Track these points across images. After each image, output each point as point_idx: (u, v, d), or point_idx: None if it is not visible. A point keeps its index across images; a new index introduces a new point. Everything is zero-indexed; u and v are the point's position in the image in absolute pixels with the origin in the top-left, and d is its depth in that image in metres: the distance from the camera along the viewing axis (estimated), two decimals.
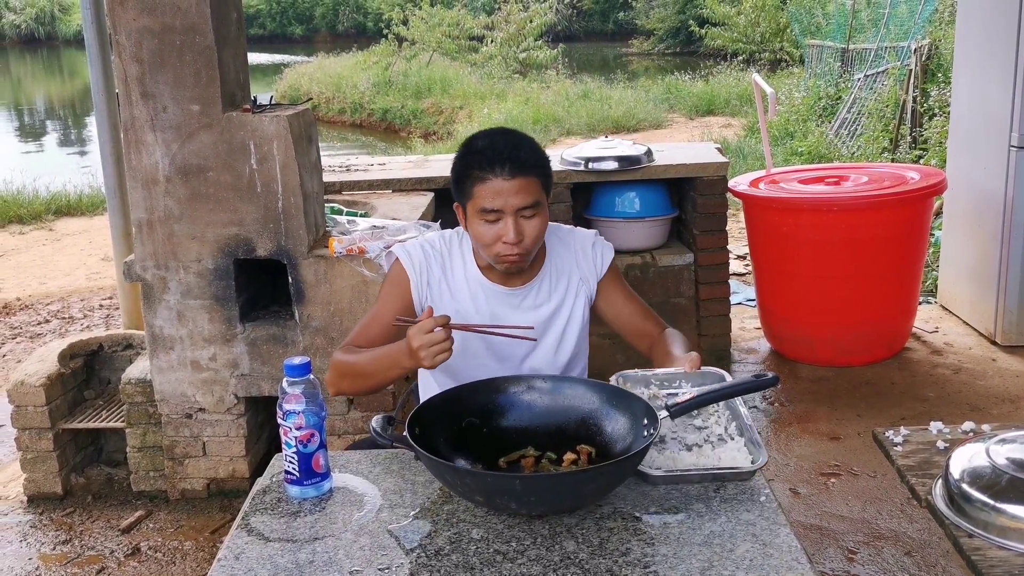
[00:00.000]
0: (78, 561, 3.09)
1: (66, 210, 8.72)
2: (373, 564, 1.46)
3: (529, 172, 1.97)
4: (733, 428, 1.79)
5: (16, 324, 5.70)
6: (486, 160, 1.96)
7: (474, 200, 1.98)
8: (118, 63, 3.03)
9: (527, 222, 1.98)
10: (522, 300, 2.12)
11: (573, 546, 1.48)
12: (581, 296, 2.17)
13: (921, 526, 3.03)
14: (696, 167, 4.28)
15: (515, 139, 2.01)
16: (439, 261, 2.12)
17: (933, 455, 1.86)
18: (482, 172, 1.95)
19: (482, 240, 2.00)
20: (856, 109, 9.32)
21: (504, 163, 1.94)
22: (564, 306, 2.15)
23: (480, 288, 2.11)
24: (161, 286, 3.19)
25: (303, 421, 1.64)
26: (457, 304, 2.10)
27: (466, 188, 1.99)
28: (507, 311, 2.11)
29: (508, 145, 1.97)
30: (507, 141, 1.99)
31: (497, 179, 1.95)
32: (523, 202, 1.96)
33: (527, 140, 2.03)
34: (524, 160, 1.97)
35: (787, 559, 1.43)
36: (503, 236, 1.97)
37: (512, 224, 1.96)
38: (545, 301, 2.13)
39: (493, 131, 2.06)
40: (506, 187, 1.95)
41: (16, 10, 39.27)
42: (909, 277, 4.33)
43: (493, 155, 1.95)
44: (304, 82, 19.03)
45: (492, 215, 1.96)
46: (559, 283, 2.15)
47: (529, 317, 2.11)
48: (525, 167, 1.96)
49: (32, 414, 3.39)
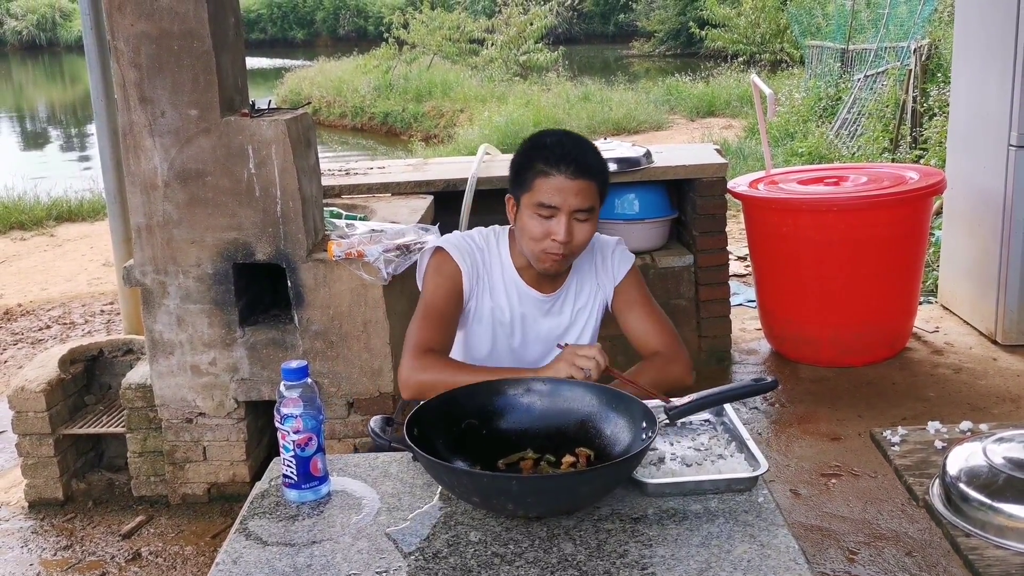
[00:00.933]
0: (79, 566, 3.10)
1: (67, 216, 8.73)
2: (371, 567, 1.46)
3: (592, 176, 2.00)
4: (733, 447, 1.78)
5: (17, 330, 5.71)
6: (553, 156, 1.98)
7: (532, 193, 2.00)
8: (116, 68, 3.04)
9: (579, 225, 2.01)
10: (551, 306, 2.17)
11: (571, 548, 1.48)
12: (598, 301, 2.20)
13: (922, 526, 3.02)
14: (695, 168, 4.28)
15: (583, 142, 2.05)
16: (480, 255, 2.14)
17: (931, 455, 1.86)
18: (547, 167, 1.98)
19: (531, 234, 2.02)
20: (856, 109, 9.32)
21: (570, 162, 1.97)
22: (583, 311, 2.19)
23: (515, 289, 2.14)
24: (161, 291, 3.20)
25: (301, 425, 1.64)
26: (494, 302, 2.13)
27: (526, 180, 2.01)
28: (537, 315, 2.15)
29: (575, 146, 2.01)
30: (574, 142, 2.03)
31: (560, 176, 1.97)
32: (581, 204, 1.99)
33: (592, 145, 2.06)
34: (589, 163, 2.00)
35: (785, 560, 1.43)
36: (554, 234, 1.99)
37: (565, 223, 1.98)
38: (569, 308, 2.18)
39: (560, 131, 2.09)
40: (568, 186, 1.97)
41: (17, 16, 39.35)
42: (909, 277, 4.33)
43: (561, 152, 1.98)
44: (305, 86, 19.04)
45: (548, 211, 1.99)
46: (582, 290, 2.19)
47: (554, 322, 2.17)
48: (589, 170, 1.99)
49: (33, 420, 3.39)
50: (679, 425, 1.89)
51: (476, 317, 2.15)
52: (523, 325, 2.14)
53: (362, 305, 3.16)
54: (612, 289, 2.20)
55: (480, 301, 2.13)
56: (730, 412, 1.88)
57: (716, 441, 1.82)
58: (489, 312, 2.13)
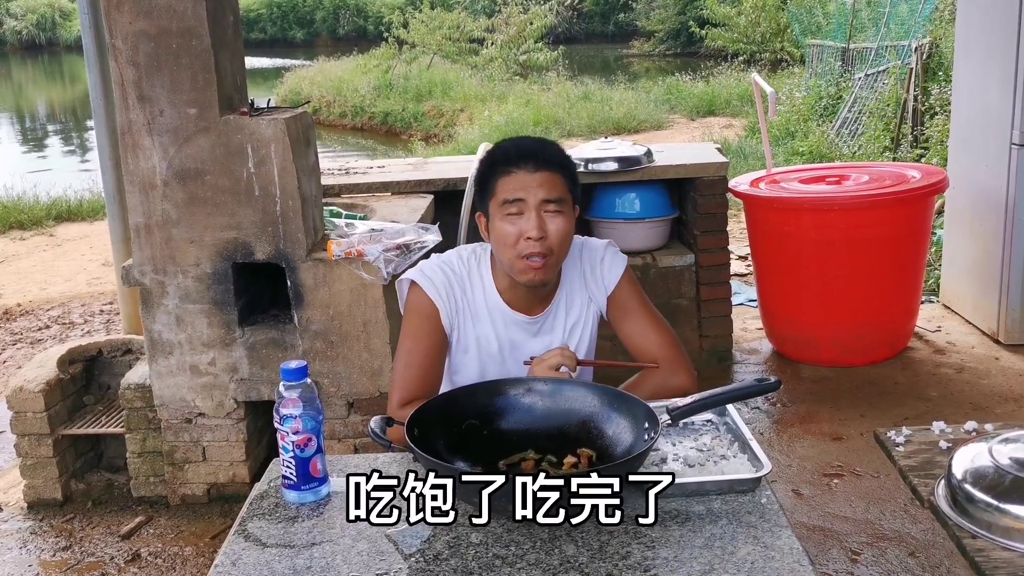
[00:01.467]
0: (78, 567, 3.08)
1: (66, 215, 8.72)
2: (371, 569, 1.44)
3: (554, 167, 1.95)
4: (735, 447, 1.77)
5: (17, 330, 5.69)
6: (511, 155, 1.96)
7: (496, 195, 1.94)
8: (115, 67, 3.03)
9: (551, 217, 1.92)
10: (540, 326, 2.07)
11: (573, 550, 1.46)
12: (591, 313, 2.11)
13: (925, 527, 3.01)
14: (696, 167, 4.27)
15: (542, 139, 2.03)
16: (459, 283, 2.04)
17: (935, 455, 1.85)
18: (506, 166, 1.94)
19: (504, 240, 1.93)
20: (857, 108, 9.31)
21: (529, 157, 1.94)
22: (576, 326, 2.10)
23: (499, 315, 2.04)
24: (160, 291, 3.18)
25: (300, 425, 1.62)
26: (478, 331, 2.04)
27: (489, 185, 1.97)
28: (526, 338, 2.05)
29: (533, 143, 1.99)
30: (532, 141, 2.01)
31: (521, 171, 1.93)
32: (548, 194, 1.92)
33: (553, 142, 2.04)
34: (549, 156, 1.96)
35: (789, 561, 1.41)
36: (526, 231, 1.90)
37: (535, 218, 1.90)
38: (561, 326, 2.08)
39: (521, 137, 2.08)
40: (530, 179, 1.92)
41: (17, 16, 39.35)
42: (911, 276, 4.31)
43: (518, 151, 1.96)
44: (305, 86, 19.03)
45: (515, 207, 1.91)
46: (573, 304, 2.09)
47: (546, 341, 2.06)
48: (550, 162, 1.95)
49: (31, 420, 3.38)
50: (681, 425, 1.88)
51: (462, 347, 2.06)
52: (512, 351, 2.04)
53: (362, 305, 3.15)
54: (605, 299, 2.10)
55: (463, 331, 2.04)
56: (732, 412, 1.86)
57: (719, 441, 1.80)
58: (475, 342, 2.04)
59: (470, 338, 2.05)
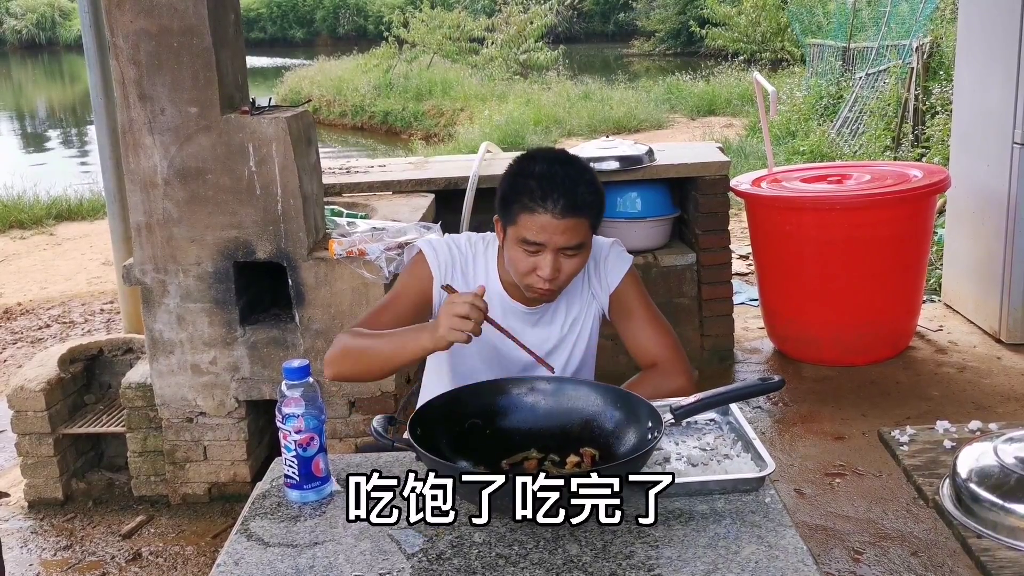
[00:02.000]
0: (79, 567, 3.08)
1: (67, 215, 8.71)
2: (374, 569, 1.44)
3: (582, 213, 1.85)
4: (739, 447, 1.76)
5: (17, 329, 5.69)
6: (539, 192, 1.83)
7: (517, 227, 1.87)
8: (115, 66, 3.02)
9: (567, 260, 1.89)
10: (539, 319, 2.07)
11: (576, 549, 1.46)
12: (591, 311, 2.11)
13: (927, 526, 3.00)
14: (697, 166, 4.26)
15: (574, 172, 1.87)
16: (462, 264, 2.05)
17: (940, 454, 1.84)
18: (532, 203, 1.84)
19: (516, 267, 1.92)
20: (858, 108, 9.31)
21: (558, 200, 1.82)
22: (576, 322, 2.09)
23: (499, 301, 2.03)
24: (160, 290, 3.18)
25: (302, 424, 1.62)
26: None
27: (512, 212, 1.88)
28: (523, 327, 2.04)
29: (566, 179, 1.84)
30: (565, 174, 1.85)
31: (546, 215, 1.83)
32: (568, 242, 1.86)
33: (586, 175, 1.89)
34: (579, 200, 1.84)
35: (793, 561, 1.41)
36: (539, 270, 1.88)
37: (551, 261, 1.86)
38: (561, 320, 2.08)
39: (551, 156, 1.92)
40: (554, 225, 1.83)
41: (17, 16, 39.34)
42: (912, 275, 4.31)
43: (548, 188, 1.83)
44: (305, 85, 19.02)
45: (533, 247, 1.87)
46: (574, 300, 2.08)
47: (544, 333, 2.06)
48: (578, 208, 1.84)
49: (32, 419, 3.37)
50: (684, 425, 1.87)
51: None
52: (508, 338, 2.01)
53: (363, 304, 3.14)
54: (607, 298, 2.09)
55: None
56: (736, 412, 1.86)
57: (722, 441, 1.80)
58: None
59: None
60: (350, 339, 1.92)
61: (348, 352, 1.92)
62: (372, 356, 1.88)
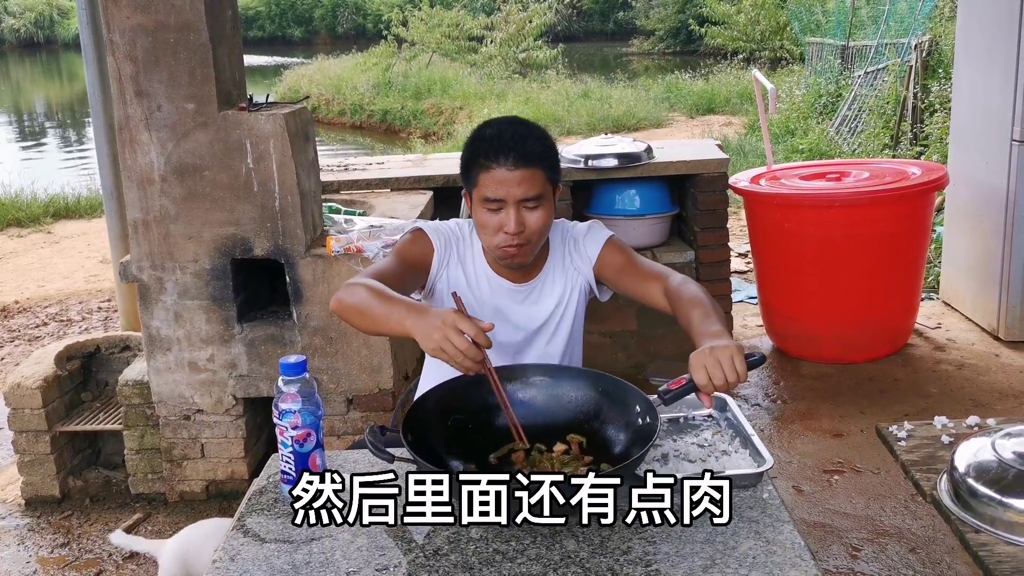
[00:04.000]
0: (76, 564, 3.07)
1: (64, 213, 8.70)
2: (371, 564, 1.43)
3: (533, 163, 1.95)
4: (737, 443, 1.76)
5: (14, 327, 5.68)
6: (491, 149, 1.94)
7: (478, 188, 1.97)
8: (112, 62, 3.01)
9: (529, 213, 1.96)
10: (526, 296, 2.11)
11: (574, 545, 1.45)
12: (577, 289, 2.14)
13: (925, 522, 3.00)
14: (696, 164, 4.25)
15: (523, 129, 1.98)
16: (457, 244, 2.12)
17: (937, 450, 1.84)
18: (487, 160, 1.94)
19: (485, 229, 2.00)
20: (857, 106, 9.30)
21: (508, 153, 1.93)
22: (562, 302, 2.13)
23: (487, 280, 2.10)
24: (158, 287, 3.17)
25: (299, 420, 1.61)
26: (466, 290, 2.09)
27: (472, 176, 1.99)
28: (511, 305, 2.10)
29: (515, 135, 1.96)
30: (514, 131, 1.97)
31: (501, 168, 1.93)
32: (525, 193, 1.94)
33: (535, 131, 2.00)
34: (529, 151, 1.95)
35: (790, 556, 1.41)
36: (504, 226, 1.95)
37: (514, 214, 1.94)
38: (548, 297, 2.12)
39: (502, 120, 2.03)
40: (509, 177, 1.93)
41: (15, 14, 39.31)
42: (911, 273, 4.30)
43: (499, 144, 1.94)
44: (304, 84, 19.00)
45: (494, 204, 1.95)
46: (558, 279, 2.13)
47: (531, 312, 2.11)
48: (529, 158, 1.94)
49: (29, 417, 3.36)
50: (683, 421, 1.87)
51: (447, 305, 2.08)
52: (496, 315, 2.09)
53: None
54: (590, 269, 2.14)
55: (452, 285, 2.08)
56: (734, 408, 1.86)
57: (720, 437, 1.80)
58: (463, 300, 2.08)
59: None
60: (363, 290, 1.86)
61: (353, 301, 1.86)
62: (368, 315, 1.84)
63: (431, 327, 1.66)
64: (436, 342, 1.64)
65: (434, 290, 2.11)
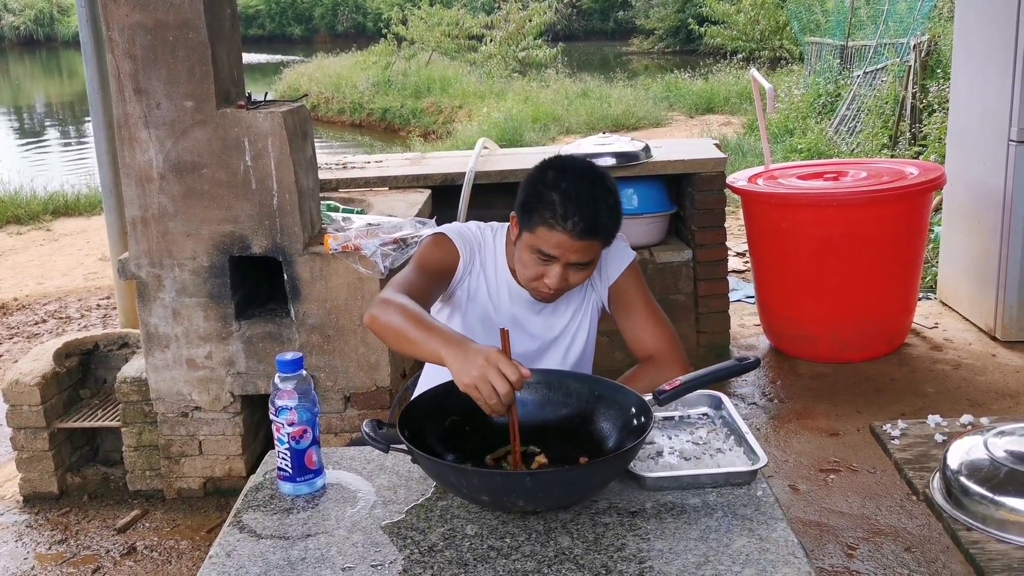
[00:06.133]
0: (74, 561, 3.08)
1: (64, 210, 8.70)
2: (366, 560, 1.44)
3: (599, 236, 1.90)
4: (731, 441, 1.77)
5: (13, 324, 5.69)
6: (562, 210, 1.85)
7: (534, 236, 1.91)
8: (111, 59, 3.02)
9: (575, 274, 1.95)
10: (543, 307, 2.11)
11: (568, 541, 1.46)
12: (590, 302, 2.15)
13: (921, 522, 3.01)
14: (694, 163, 4.26)
15: (598, 194, 1.89)
16: (479, 249, 2.10)
17: (931, 448, 1.85)
18: (552, 219, 1.86)
19: (524, 270, 1.97)
20: (856, 106, 9.31)
21: (579, 223, 1.85)
22: (577, 314, 2.14)
23: (507, 289, 2.09)
24: (156, 284, 3.18)
25: (295, 417, 1.62)
26: (485, 298, 2.09)
27: (531, 220, 1.90)
28: (528, 315, 2.10)
29: (590, 202, 1.86)
30: (591, 195, 1.87)
31: (565, 234, 1.86)
32: (580, 259, 1.91)
33: (609, 199, 1.90)
34: (599, 223, 1.88)
35: (783, 553, 1.41)
36: (546, 278, 1.93)
37: (559, 273, 1.92)
38: (564, 309, 2.12)
39: (581, 173, 1.92)
40: (569, 244, 1.87)
41: (15, 12, 39.29)
42: (908, 272, 4.31)
43: (571, 208, 1.85)
44: (303, 82, 19.01)
45: (545, 258, 1.92)
46: (576, 292, 2.11)
47: (548, 322, 2.11)
48: (597, 231, 1.88)
49: (27, 413, 3.37)
50: (678, 419, 1.88)
51: (471, 308, 2.10)
52: (513, 324, 2.07)
53: (359, 299, 3.15)
54: (606, 290, 2.13)
55: (473, 296, 2.08)
56: (728, 406, 1.86)
57: (715, 435, 1.80)
58: (483, 308, 2.09)
59: (480, 300, 2.08)
60: (398, 311, 1.81)
61: (388, 320, 1.82)
62: (404, 337, 1.79)
63: (470, 364, 1.58)
64: (473, 379, 1.57)
65: (454, 295, 2.10)
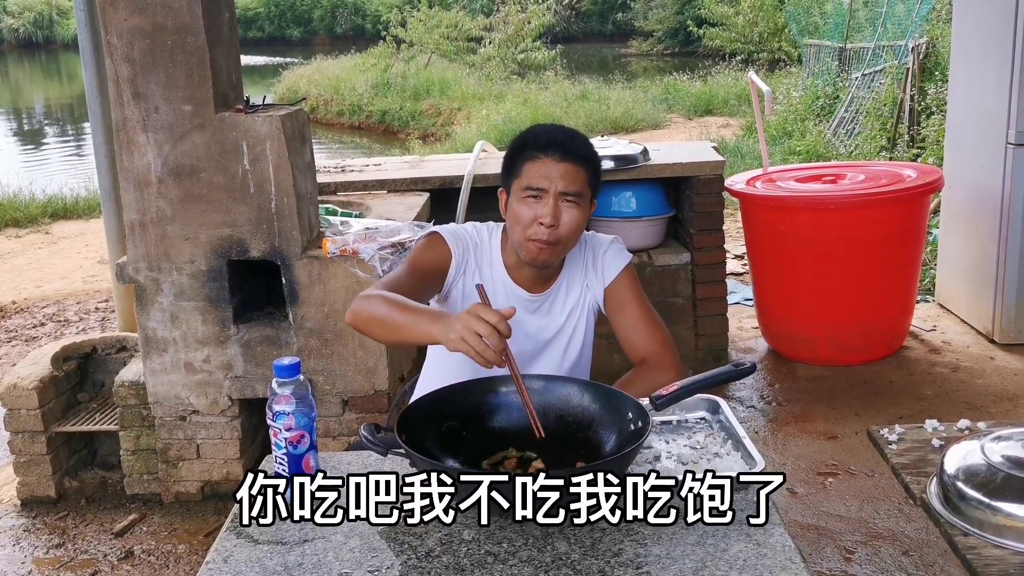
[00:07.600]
0: (71, 565, 3.08)
1: (63, 213, 8.70)
2: (363, 566, 1.44)
3: (579, 161, 2.03)
4: (729, 445, 1.77)
5: (11, 328, 5.68)
6: (541, 141, 2.03)
7: (521, 178, 2.03)
8: (110, 63, 3.02)
9: (567, 208, 2.01)
10: (539, 307, 2.13)
11: (565, 547, 1.46)
12: (587, 302, 2.16)
13: (919, 525, 3.01)
14: (692, 166, 4.26)
15: (573, 131, 2.10)
16: (474, 247, 2.14)
17: (928, 453, 1.85)
18: (535, 151, 2.02)
19: (519, 220, 2.03)
20: (854, 108, 9.32)
21: (558, 146, 2.01)
22: (574, 314, 2.15)
23: (503, 287, 2.12)
24: (154, 288, 3.18)
25: (293, 422, 1.62)
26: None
27: (516, 166, 2.05)
28: (524, 315, 2.10)
29: (564, 134, 2.06)
30: (564, 131, 2.08)
31: (548, 159, 2.00)
32: (567, 187, 2.00)
33: (584, 136, 2.11)
34: (577, 149, 2.03)
35: (781, 559, 1.41)
36: (541, 216, 1.99)
37: (552, 205, 1.99)
38: (560, 309, 2.14)
39: (551, 123, 2.15)
40: (555, 169, 2.00)
41: (14, 14, 39.29)
42: (906, 275, 4.32)
43: (549, 138, 2.03)
44: (302, 84, 19.01)
45: (535, 192, 2.00)
46: (572, 291, 2.15)
47: (543, 321, 2.13)
48: (577, 155, 2.03)
49: (25, 417, 3.37)
50: (675, 423, 1.88)
51: (467, 307, 2.10)
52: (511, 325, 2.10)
53: None
54: (602, 291, 2.15)
55: (466, 296, 2.10)
56: (726, 410, 1.86)
57: (712, 439, 1.80)
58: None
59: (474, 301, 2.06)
60: (380, 301, 1.88)
61: (371, 312, 1.89)
62: (389, 325, 1.85)
63: (453, 324, 1.67)
64: (458, 333, 1.64)
65: (450, 295, 2.12)
